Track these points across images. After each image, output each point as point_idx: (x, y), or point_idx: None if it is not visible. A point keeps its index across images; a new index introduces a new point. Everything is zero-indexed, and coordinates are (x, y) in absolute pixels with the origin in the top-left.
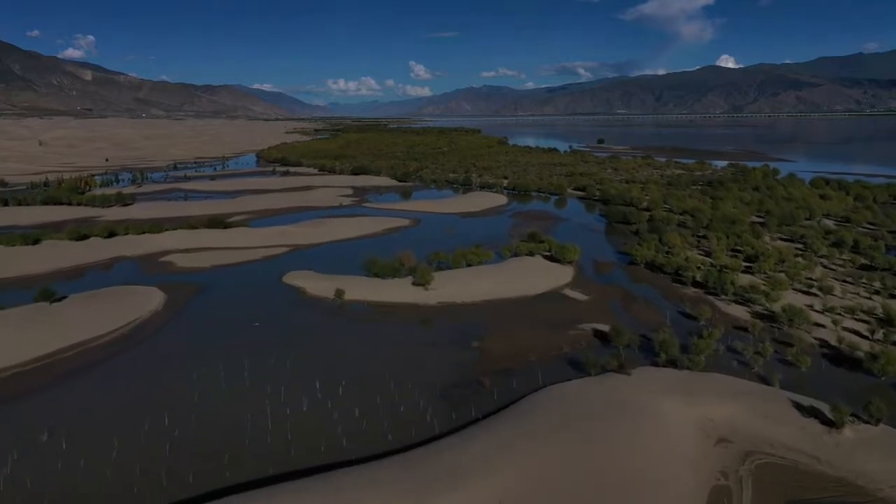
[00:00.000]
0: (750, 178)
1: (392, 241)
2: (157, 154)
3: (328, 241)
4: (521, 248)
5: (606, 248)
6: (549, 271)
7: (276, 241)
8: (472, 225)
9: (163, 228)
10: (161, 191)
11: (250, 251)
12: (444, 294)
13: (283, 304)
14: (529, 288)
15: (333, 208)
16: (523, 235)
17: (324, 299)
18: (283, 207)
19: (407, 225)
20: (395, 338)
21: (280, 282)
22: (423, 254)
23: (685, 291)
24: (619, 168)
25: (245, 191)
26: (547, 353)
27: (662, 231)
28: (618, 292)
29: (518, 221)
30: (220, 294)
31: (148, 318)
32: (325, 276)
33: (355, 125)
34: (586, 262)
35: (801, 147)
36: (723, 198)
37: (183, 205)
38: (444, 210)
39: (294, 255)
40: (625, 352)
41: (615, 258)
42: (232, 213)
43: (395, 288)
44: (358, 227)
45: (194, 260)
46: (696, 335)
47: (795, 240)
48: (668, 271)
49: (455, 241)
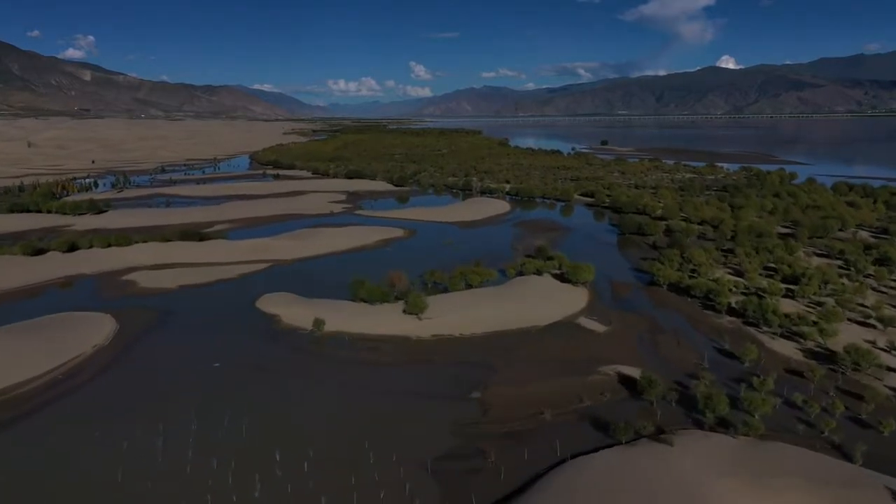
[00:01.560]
0: (767, 183)
1: (384, 256)
2: (148, 156)
3: (313, 256)
4: (528, 265)
5: (622, 264)
6: (561, 295)
7: (256, 256)
8: (472, 236)
9: (131, 241)
10: (142, 196)
11: (225, 268)
12: (439, 324)
13: (251, 337)
14: (538, 316)
15: (323, 216)
16: (529, 249)
17: (300, 330)
18: (270, 215)
19: (401, 236)
20: (379, 385)
21: (253, 307)
22: (418, 271)
23: (720, 321)
24: (627, 172)
25: (231, 196)
26: (563, 407)
27: (684, 245)
28: (641, 322)
29: (522, 232)
30: (182, 323)
31: (91, 355)
32: (304, 301)
33: (354, 126)
34: (601, 282)
35: (809, 149)
36: (743, 206)
37: (162, 212)
38: (442, 218)
39: (274, 273)
40: (659, 406)
41: (633, 277)
42: (213, 221)
43: (383, 316)
44: (347, 238)
45: (160, 279)
46: (743, 382)
47: (833, 255)
48: (696, 295)
49: (453, 255)
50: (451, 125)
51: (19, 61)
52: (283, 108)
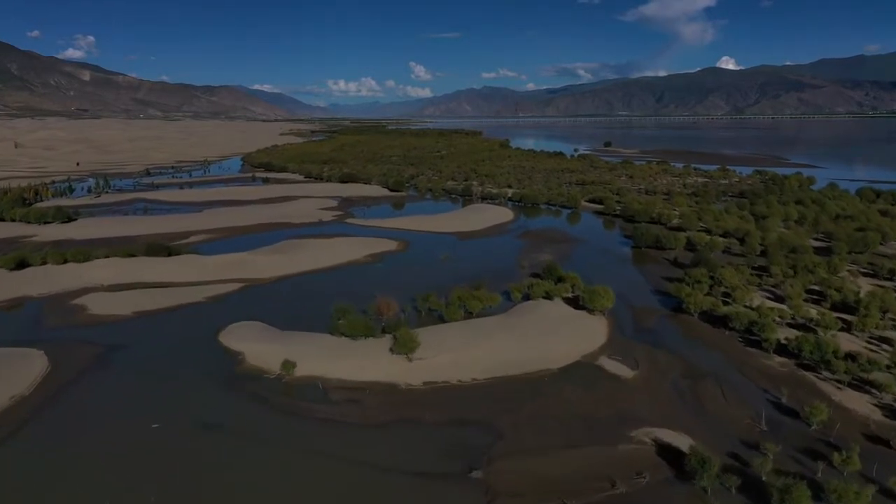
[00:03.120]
0: (787, 188)
1: (374, 274)
2: (138, 157)
3: (294, 274)
4: (536, 288)
5: (641, 284)
6: (576, 326)
7: (229, 274)
8: (472, 248)
9: (91, 256)
10: (121, 202)
11: (192, 290)
12: (433, 367)
13: (206, 383)
14: (551, 355)
15: (311, 225)
16: (535, 265)
17: (266, 374)
18: (253, 224)
19: (394, 249)
20: (355, 455)
21: (215, 341)
22: (410, 294)
23: (769, 363)
24: (635, 175)
25: (215, 202)
26: (590, 496)
27: (711, 263)
28: (674, 363)
29: (527, 244)
30: (127, 363)
31: (6, 408)
32: (276, 334)
33: (353, 126)
34: (620, 308)
35: (819, 150)
36: (767, 215)
37: (137, 220)
38: (439, 228)
39: (247, 295)
40: (716, 496)
41: (656, 301)
42: (190, 231)
43: (366, 356)
44: (334, 252)
45: (116, 303)
46: (818, 458)
47: (880, 275)
48: (735, 327)
49: (451, 272)
50: (452, 126)
51: (18, 61)
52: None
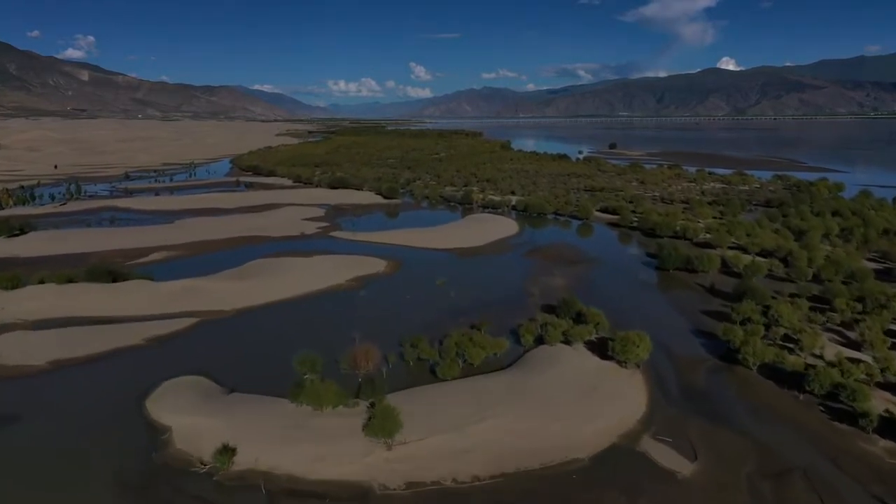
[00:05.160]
0: (817, 197)
1: (355, 306)
2: (124, 159)
3: (260, 305)
4: (552, 331)
5: (676, 320)
6: (606, 387)
7: (182, 306)
8: (472, 270)
9: (22, 282)
10: (87, 210)
11: (133, 328)
12: (420, 457)
13: (109, 484)
14: (578, 436)
15: (291, 239)
16: (548, 292)
17: (192, 467)
18: (224, 238)
19: (383, 271)
20: None
21: (141, 407)
22: (398, 331)
23: (871, 449)
24: (647, 181)
25: (190, 211)
26: None
27: (759, 293)
28: (744, 449)
29: (536, 265)
30: (13, 447)
31: None
32: (219, 399)
33: (352, 127)
34: (658, 357)
35: (832, 153)
36: (806, 229)
37: (97, 234)
38: (435, 244)
39: (196, 336)
40: None
41: (699, 346)
42: (151, 247)
43: (332, 437)
44: (312, 275)
45: (32, 348)
46: None
47: None
48: (813, 390)
49: (448, 303)
50: (451, 126)
51: (16, 61)
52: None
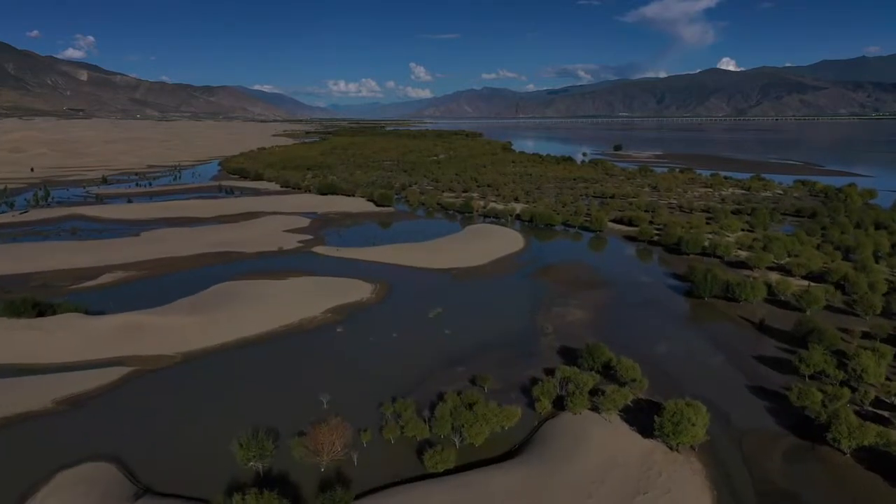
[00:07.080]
0: (852, 206)
1: (328, 350)
2: (107, 161)
3: (212, 347)
4: (576, 395)
5: (725, 369)
6: (657, 491)
7: (117, 349)
8: (472, 297)
9: None
10: (49, 219)
11: (47, 382)
12: None
13: None
14: None
15: (267, 255)
16: (563, 329)
17: None
18: (192, 255)
19: (366, 299)
20: None
21: None
22: (376, 392)
23: None
24: (660, 186)
25: (161, 220)
26: None
27: (828, 337)
28: None
29: (548, 290)
30: None
31: None
32: None
33: (350, 128)
34: (718, 434)
35: (844, 154)
36: (853, 245)
37: (49, 248)
38: (430, 263)
39: (122, 398)
40: None
41: (765, 411)
42: (107, 265)
43: None
44: (282, 304)
45: None
46: None
47: None
48: None
49: (443, 344)
50: (452, 126)
51: (15, 61)
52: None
